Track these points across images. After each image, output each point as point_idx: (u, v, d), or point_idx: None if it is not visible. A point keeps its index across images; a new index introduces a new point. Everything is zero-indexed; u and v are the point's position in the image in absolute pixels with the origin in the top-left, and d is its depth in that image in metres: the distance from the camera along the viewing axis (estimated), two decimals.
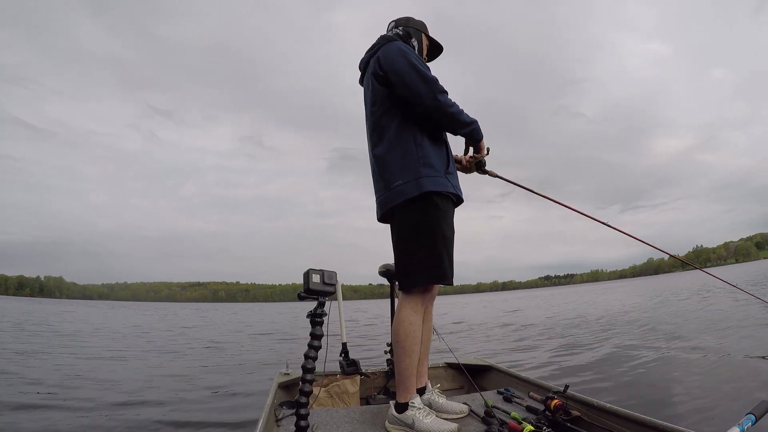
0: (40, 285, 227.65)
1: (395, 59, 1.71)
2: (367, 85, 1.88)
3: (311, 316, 1.50)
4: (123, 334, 10.62)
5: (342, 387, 2.27)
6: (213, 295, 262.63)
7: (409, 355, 1.68)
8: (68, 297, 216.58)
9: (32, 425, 2.85)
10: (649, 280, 71.94)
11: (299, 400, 1.42)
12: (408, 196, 1.67)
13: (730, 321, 6.84)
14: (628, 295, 19.50)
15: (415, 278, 1.71)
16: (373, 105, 1.81)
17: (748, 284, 14.86)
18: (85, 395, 3.68)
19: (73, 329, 11.92)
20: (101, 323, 15.16)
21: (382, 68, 1.75)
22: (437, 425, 1.61)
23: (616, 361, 4.74)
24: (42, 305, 43.80)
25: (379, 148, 1.78)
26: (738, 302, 9.70)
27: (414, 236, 1.70)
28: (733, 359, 4.22)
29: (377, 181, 1.83)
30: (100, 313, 26.33)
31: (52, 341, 8.38)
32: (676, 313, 9.28)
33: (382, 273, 2.45)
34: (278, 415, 1.80)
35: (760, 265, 58.07)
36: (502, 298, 44.23)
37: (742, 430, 1.06)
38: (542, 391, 2.03)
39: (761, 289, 12.59)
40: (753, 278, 20.33)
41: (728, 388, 3.27)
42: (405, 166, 1.70)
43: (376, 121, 1.80)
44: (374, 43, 1.90)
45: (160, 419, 3.01)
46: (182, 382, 4.35)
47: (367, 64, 1.90)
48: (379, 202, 1.82)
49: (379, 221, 1.93)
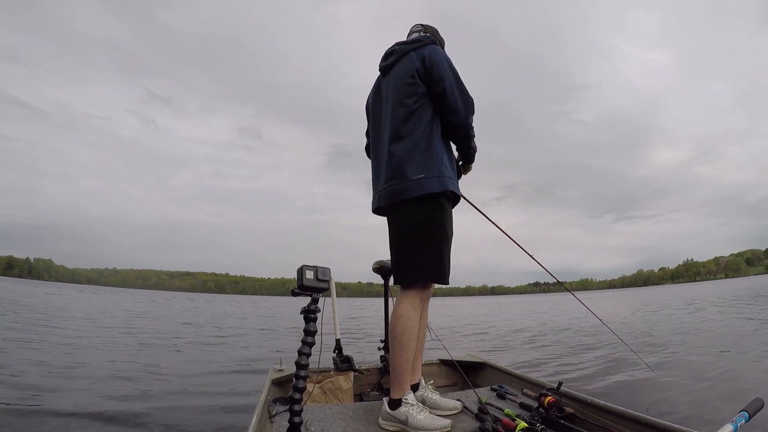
0: (30, 266, 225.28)
1: (443, 66, 1.76)
2: (403, 76, 1.81)
3: (305, 312, 1.49)
4: (114, 324, 10.54)
5: (335, 383, 2.26)
6: (202, 285, 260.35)
7: (406, 350, 1.69)
8: (57, 280, 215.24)
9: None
10: (639, 291, 73.05)
11: (293, 396, 1.41)
12: (429, 190, 1.68)
13: (717, 331, 6.96)
14: (618, 306, 19.58)
15: (417, 275, 1.71)
16: (409, 97, 1.77)
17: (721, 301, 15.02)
18: (75, 386, 3.64)
19: (67, 315, 11.81)
20: (89, 309, 15.05)
21: (427, 68, 1.76)
22: (431, 422, 1.61)
23: (610, 361, 4.79)
24: (28, 287, 43.25)
25: (405, 140, 1.75)
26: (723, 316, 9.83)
27: (421, 233, 1.70)
28: (728, 359, 4.28)
29: (391, 170, 1.76)
30: (88, 298, 25.89)
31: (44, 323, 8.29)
32: (666, 323, 9.41)
33: (376, 269, 2.44)
34: (272, 411, 1.78)
35: (745, 282, 58.82)
36: (495, 302, 44.59)
37: (735, 427, 1.06)
38: (536, 388, 2.04)
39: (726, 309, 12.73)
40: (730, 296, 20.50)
41: (721, 387, 3.32)
42: (430, 161, 1.72)
43: (407, 114, 1.76)
44: (414, 38, 1.89)
45: (151, 415, 2.98)
46: (173, 377, 4.32)
47: (402, 56, 1.86)
48: (389, 191, 1.76)
49: (375, 212, 1.91)
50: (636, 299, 27.73)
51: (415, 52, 1.82)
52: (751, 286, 33.15)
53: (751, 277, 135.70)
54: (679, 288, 51.61)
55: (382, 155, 1.84)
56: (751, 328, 6.97)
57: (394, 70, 1.88)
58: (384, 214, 1.88)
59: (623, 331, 7.63)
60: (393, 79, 1.87)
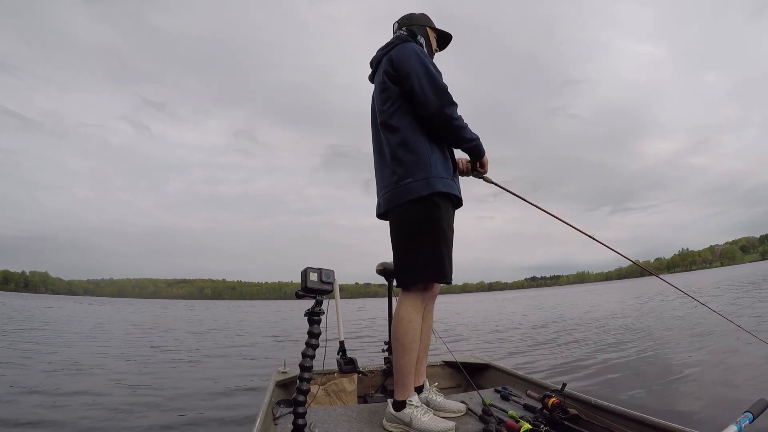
0: (26, 280, 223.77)
1: (410, 62, 1.72)
2: (378, 83, 1.86)
3: (309, 314, 1.50)
4: (119, 331, 10.59)
5: (340, 385, 2.27)
6: (199, 292, 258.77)
7: (408, 352, 1.68)
8: (53, 292, 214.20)
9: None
10: (636, 282, 72.61)
11: (297, 398, 1.42)
12: (418, 194, 1.68)
13: (717, 324, 6.89)
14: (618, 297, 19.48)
15: (416, 276, 1.71)
16: (384, 103, 1.80)
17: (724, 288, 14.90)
18: (79, 388, 3.66)
19: (81, 327, 11.89)
20: (94, 320, 15.14)
21: (395, 68, 1.76)
22: (435, 423, 1.60)
23: (614, 361, 4.77)
24: (25, 300, 43.44)
25: (393, 146, 1.76)
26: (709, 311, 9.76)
27: (417, 234, 1.70)
28: (727, 360, 4.25)
29: (385, 176, 1.81)
30: (85, 310, 25.97)
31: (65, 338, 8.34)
32: (661, 315, 9.36)
33: (379, 271, 2.44)
34: (276, 414, 1.79)
35: (743, 269, 58.42)
36: (491, 297, 44.24)
37: (739, 428, 1.06)
38: (540, 390, 2.03)
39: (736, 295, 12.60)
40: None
41: (725, 387, 3.29)
42: (416, 164, 1.71)
43: (387, 119, 1.79)
44: (388, 42, 1.90)
45: (156, 417, 3.00)
46: (179, 380, 4.34)
47: (379, 62, 1.89)
48: (385, 198, 1.80)
49: (378, 218, 1.93)
50: (633, 290, 27.64)
51: (386, 56, 1.82)
52: (747, 273, 32.80)
53: (747, 264, 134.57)
54: (675, 277, 51.14)
55: (377, 164, 1.89)
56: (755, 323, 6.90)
57: (375, 79, 1.91)
58: (386, 218, 1.90)
59: (620, 329, 7.58)
60: (375, 87, 1.91)
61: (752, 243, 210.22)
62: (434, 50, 2.01)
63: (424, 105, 1.69)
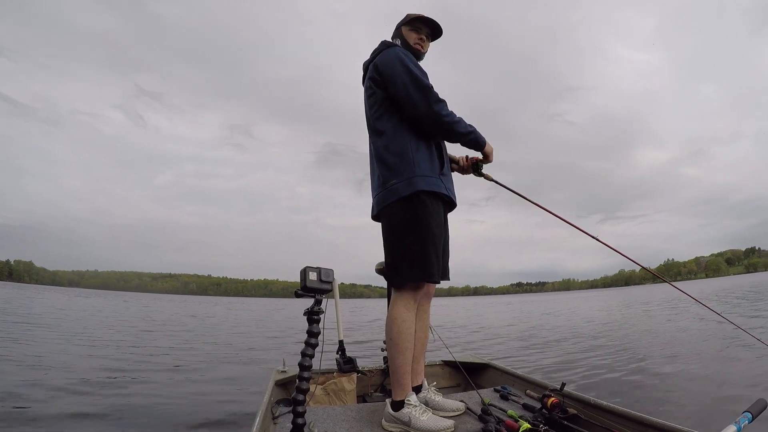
0: (10, 269, 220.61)
1: (393, 65, 1.77)
2: (365, 89, 1.93)
3: (308, 313, 1.49)
4: (117, 326, 10.57)
5: (339, 385, 2.27)
6: (184, 287, 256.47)
7: (403, 352, 1.69)
8: (38, 282, 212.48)
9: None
10: (623, 290, 72.65)
11: (296, 397, 1.41)
12: (401, 194, 1.72)
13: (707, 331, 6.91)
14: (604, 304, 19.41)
15: (403, 275, 1.73)
16: (371, 108, 1.86)
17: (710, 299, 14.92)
18: (78, 389, 3.66)
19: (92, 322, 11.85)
20: (84, 312, 15.09)
21: (380, 72, 1.80)
22: (434, 423, 1.61)
23: (611, 362, 4.78)
24: (9, 290, 43.07)
25: (379, 149, 1.82)
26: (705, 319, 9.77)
27: (403, 234, 1.73)
28: (726, 361, 4.26)
29: (375, 179, 1.87)
30: (85, 302, 25.88)
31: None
32: (656, 322, 9.36)
33: (378, 271, 2.43)
34: (275, 413, 1.79)
35: (726, 281, 58.53)
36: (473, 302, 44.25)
37: (738, 428, 1.06)
38: (539, 389, 2.03)
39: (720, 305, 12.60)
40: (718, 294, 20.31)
41: (724, 387, 3.30)
42: (401, 165, 1.74)
43: (374, 123, 1.85)
44: (376, 48, 1.94)
45: (156, 416, 3.00)
46: (177, 378, 4.33)
47: (366, 70, 1.95)
48: (376, 200, 1.86)
49: (373, 219, 1.95)
50: (619, 298, 27.68)
51: (372, 63, 1.87)
52: (729, 286, 32.75)
53: (731, 276, 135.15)
54: (658, 288, 51.08)
55: (370, 167, 1.94)
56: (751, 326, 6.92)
57: (365, 83, 1.95)
58: (379, 220, 1.92)
59: (615, 331, 7.60)
60: (365, 90, 1.94)
61: (737, 256, 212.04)
62: (414, 46, 1.94)
63: (413, 107, 1.73)
